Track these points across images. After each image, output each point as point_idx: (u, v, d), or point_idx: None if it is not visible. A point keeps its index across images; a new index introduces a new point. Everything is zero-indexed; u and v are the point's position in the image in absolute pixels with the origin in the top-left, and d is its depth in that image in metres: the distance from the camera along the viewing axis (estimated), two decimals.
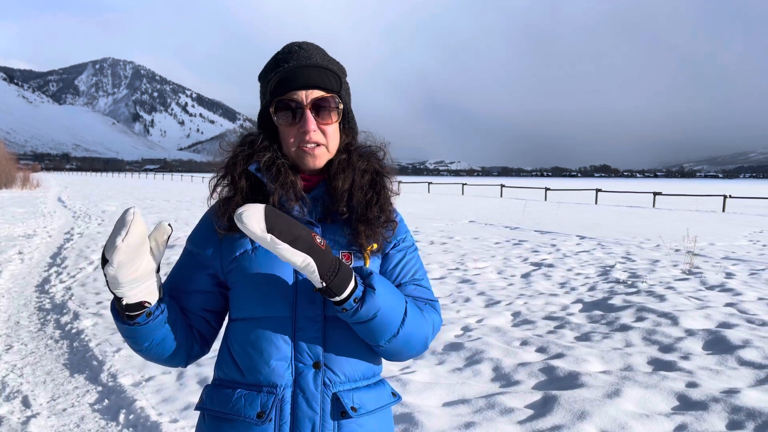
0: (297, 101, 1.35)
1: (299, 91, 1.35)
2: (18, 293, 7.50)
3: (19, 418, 3.84)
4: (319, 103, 1.35)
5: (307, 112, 1.34)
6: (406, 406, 3.82)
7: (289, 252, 1.17)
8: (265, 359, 1.32)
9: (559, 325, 5.87)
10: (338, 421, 1.33)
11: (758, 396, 3.94)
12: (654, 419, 3.62)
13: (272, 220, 1.16)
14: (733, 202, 30.77)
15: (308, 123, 1.34)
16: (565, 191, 43.26)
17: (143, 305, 1.24)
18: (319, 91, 1.36)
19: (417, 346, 1.38)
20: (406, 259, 1.47)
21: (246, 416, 1.30)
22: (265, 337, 1.33)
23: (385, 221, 1.43)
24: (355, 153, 1.43)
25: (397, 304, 1.31)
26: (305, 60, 1.36)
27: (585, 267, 9.39)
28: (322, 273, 1.20)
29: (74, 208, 21.98)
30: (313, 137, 1.35)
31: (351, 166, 1.41)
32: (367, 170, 1.42)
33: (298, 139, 1.36)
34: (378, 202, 1.41)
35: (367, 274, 1.28)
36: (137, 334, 1.29)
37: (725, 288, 7.64)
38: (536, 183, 73.17)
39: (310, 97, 1.35)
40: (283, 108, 1.35)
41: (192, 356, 1.42)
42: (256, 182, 1.39)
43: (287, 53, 1.39)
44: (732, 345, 5.04)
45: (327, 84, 1.37)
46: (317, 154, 1.37)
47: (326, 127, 1.37)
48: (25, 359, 5.02)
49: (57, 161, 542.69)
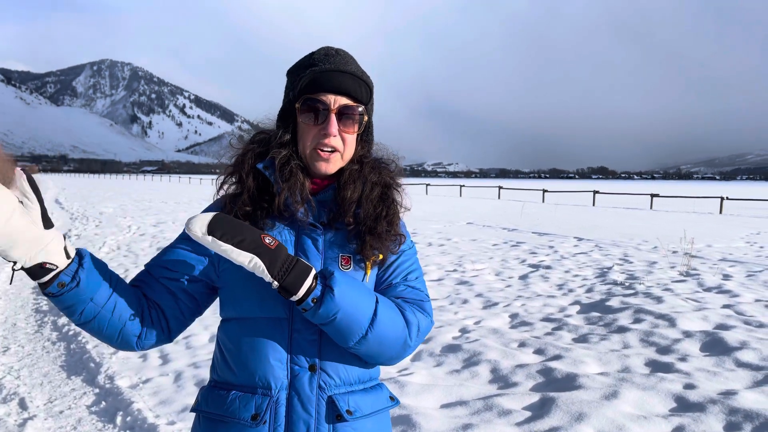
0: (325, 103, 1.34)
1: (329, 95, 1.34)
2: (15, 295, 7.48)
3: (15, 421, 3.83)
4: (345, 111, 1.35)
5: (331, 116, 1.34)
6: (404, 407, 3.82)
7: (234, 252, 1.19)
8: (261, 360, 1.31)
9: (557, 326, 5.88)
10: (333, 425, 1.32)
11: (755, 397, 3.94)
12: (651, 421, 3.62)
13: (215, 224, 1.19)
14: (730, 204, 30.83)
15: (331, 126, 1.33)
16: (563, 193, 43.31)
17: (45, 268, 1.14)
18: (348, 99, 1.36)
19: (394, 348, 1.35)
20: (401, 260, 1.46)
21: (240, 418, 1.30)
22: (260, 338, 1.32)
23: (393, 235, 1.43)
24: (367, 165, 1.43)
25: (363, 305, 1.28)
26: (342, 66, 1.36)
27: (582, 269, 9.40)
28: (272, 272, 1.20)
29: (72, 209, 21.94)
30: (332, 142, 1.34)
31: (362, 178, 1.41)
32: (377, 183, 1.42)
33: (316, 140, 1.35)
34: (387, 216, 1.41)
35: (329, 274, 1.27)
36: (60, 305, 1.21)
37: (722, 290, 7.65)
38: (534, 185, 73.27)
39: (338, 103, 1.35)
40: (309, 107, 1.35)
41: (144, 340, 1.34)
42: (263, 181, 1.38)
43: (324, 55, 1.38)
44: (729, 347, 5.05)
45: (357, 93, 1.37)
46: (331, 160, 1.36)
47: (346, 135, 1.37)
48: (22, 361, 5.01)
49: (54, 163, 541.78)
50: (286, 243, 1.35)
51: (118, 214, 19.34)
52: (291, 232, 1.37)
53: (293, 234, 1.37)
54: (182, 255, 1.39)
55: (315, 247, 1.36)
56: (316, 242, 1.37)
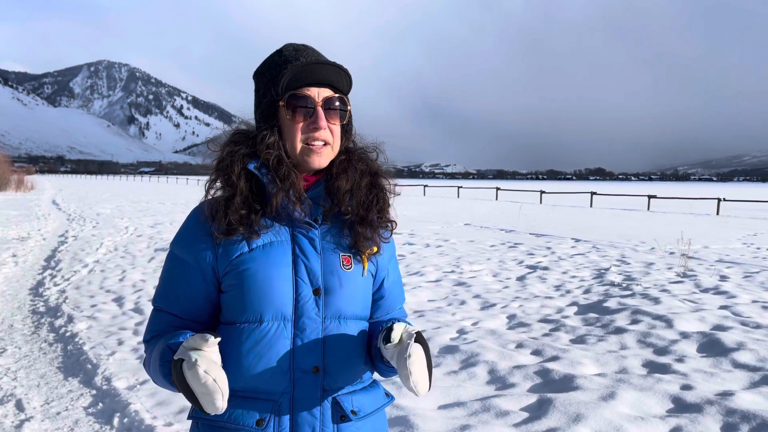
0: (310, 98, 1.33)
1: (312, 88, 1.33)
2: (12, 296, 7.46)
3: (12, 422, 3.82)
4: (331, 103, 1.34)
5: (319, 109, 1.33)
6: (402, 408, 3.82)
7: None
8: (264, 364, 1.29)
9: (554, 327, 5.88)
10: (338, 425, 1.32)
11: (752, 398, 3.95)
12: (649, 422, 3.62)
13: (430, 372, 1.26)
14: (727, 205, 30.87)
15: (320, 120, 1.32)
16: (560, 194, 43.32)
17: None
18: (330, 90, 1.35)
19: None
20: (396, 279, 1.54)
21: (245, 425, 1.27)
22: (263, 341, 1.29)
23: (385, 222, 1.43)
24: (354, 154, 1.43)
25: None
26: (319, 57, 1.35)
27: (580, 270, 9.41)
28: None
29: (69, 210, 21.90)
30: (322, 135, 1.33)
31: (352, 167, 1.40)
32: (366, 171, 1.42)
33: (305, 135, 1.33)
34: (378, 204, 1.41)
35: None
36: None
37: (719, 291, 7.66)
38: (531, 186, 73.29)
39: (322, 95, 1.34)
40: (295, 103, 1.33)
41: None
42: (255, 183, 1.35)
43: (294, 50, 1.37)
44: (726, 347, 5.05)
45: (339, 84, 1.36)
46: (323, 153, 1.35)
47: (333, 127, 1.36)
48: (19, 362, 4.99)
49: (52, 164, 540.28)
50: (282, 243, 1.34)
51: (115, 215, 19.32)
52: (286, 231, 1.35)
53: (288, 233, 1.35)
54: (190, 293, 1.36)
55: (313, 247, 1.35)
56: (313, 242, 1.35)
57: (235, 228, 1.31)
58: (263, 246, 1.32)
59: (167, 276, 1.39)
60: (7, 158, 46.82)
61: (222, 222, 1.32)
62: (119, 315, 6.32)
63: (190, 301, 1.36)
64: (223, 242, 1.33)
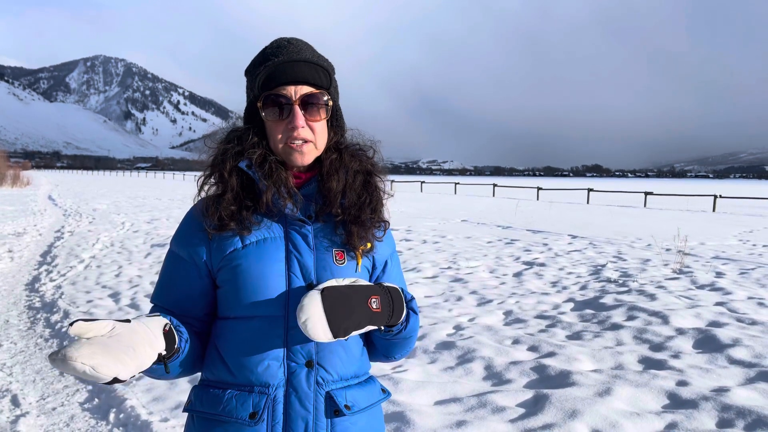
0: (286, 96, 1.32)
1: (288, 87, 1.32)
2: (8, 291, 7.44)
3: (8, 417, 3.82)
4: (308, 100, 1.33)
5: (295, 108, 1.32)
6: (398, 404, 3.82)
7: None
8: (257, 358, 1.30)
9: (551, 323, 5.89)
10: (331, 419, 1.32)
11: (748, 394, 3.96)
12: (645, 417, 3.63)
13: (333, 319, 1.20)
14: (724, 202, 30.96)
15: (297, 119, 1.32)
16: (557, 191, 43.40)
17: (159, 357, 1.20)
18: (309, 87, 1.34)
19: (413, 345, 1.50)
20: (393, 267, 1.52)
21: (238, 417, 1.28)
22: (257, 335, 1.31)
23: (378, 221, 1.43)
24: (346, 152, 1.42)
25: (418, 322, 1.42)
26: (295, 55, 1.34)
27: (576, 266, 9.42)
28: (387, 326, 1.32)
29: (65, 206, 21.85)
30: (302, 134, 1.32)
31: (343, 166, 1.39)
32: (359, 171, 1.41)
33: (285, 135, 1.33)
34: (371, 204, 1.41)
35: (409, 300, 1.37)
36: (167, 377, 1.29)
37: (715, 287, 7.69)
38: (528, 182, 73.40)
39: (299, 93, 1.33)
40: (271, 103, 1.33)
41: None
42: (246, 180, 1.37)
43: (276, 48, 1.36)
44: (722, 344, 5.07)
45: (316, 80, 1.35)
46: (305, 151, 1.34)
47: (314, 124, 1.34)
48: (15, 358, 4.98)
49: (48, 159, 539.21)
50: (276, 240, 1.34)
51: (111, 211, 19.27)
52: (280, 228, 1.36)
53: (282, 230, 1.36)
54: (186, 289, 1.38)
55: (306, 243, 1.35)
56: (306, 238, 1.36)
57: (227, 223, 1.33)
58: (256, 242, 1.34)
59: (165, 272, 1.42)
60: (3, 153, 46.68)
61: (213, 217, 1.34)
62: (115, 311, 6.31)
63: (186, 297, 1.38)
64: (217, 238, 1.34)
